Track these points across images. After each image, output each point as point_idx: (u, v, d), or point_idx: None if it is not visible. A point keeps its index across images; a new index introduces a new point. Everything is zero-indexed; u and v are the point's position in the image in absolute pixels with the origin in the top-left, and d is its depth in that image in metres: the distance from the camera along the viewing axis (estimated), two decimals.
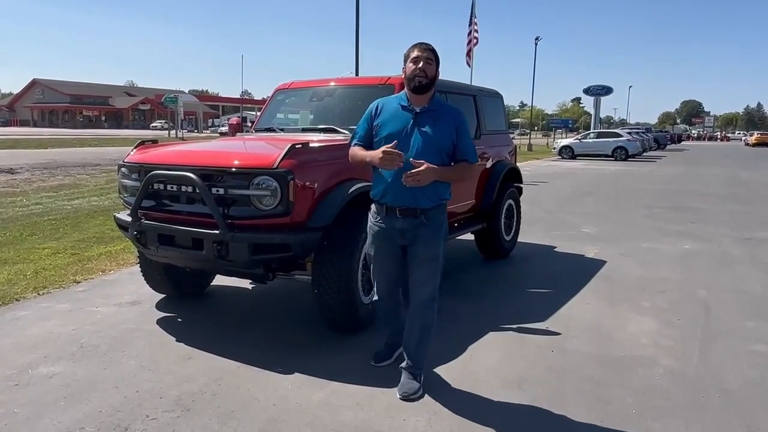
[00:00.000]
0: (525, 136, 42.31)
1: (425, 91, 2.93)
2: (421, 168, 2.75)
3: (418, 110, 2.95)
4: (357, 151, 3.05)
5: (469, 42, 20.92)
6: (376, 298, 3.31)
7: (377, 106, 3.06)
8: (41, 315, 4.23)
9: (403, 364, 3.16)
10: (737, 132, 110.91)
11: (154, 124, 64.01)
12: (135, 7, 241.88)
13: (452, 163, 3.00)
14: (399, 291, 3.27)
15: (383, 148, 2.78)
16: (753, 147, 48.76)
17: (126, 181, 4.07)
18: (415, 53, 2.93)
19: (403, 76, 2.98)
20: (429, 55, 2.92)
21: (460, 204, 5.47)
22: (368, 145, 3.04)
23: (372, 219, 3.10)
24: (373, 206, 3.10)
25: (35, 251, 6.05)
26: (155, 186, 3.74)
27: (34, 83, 75.04)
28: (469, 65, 20.39)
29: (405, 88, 3.01)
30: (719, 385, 3.22)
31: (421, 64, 2.89)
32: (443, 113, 2.98)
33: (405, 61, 2.98)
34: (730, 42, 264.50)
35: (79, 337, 3.82)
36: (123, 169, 4.10)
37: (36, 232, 7.03)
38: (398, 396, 3.02)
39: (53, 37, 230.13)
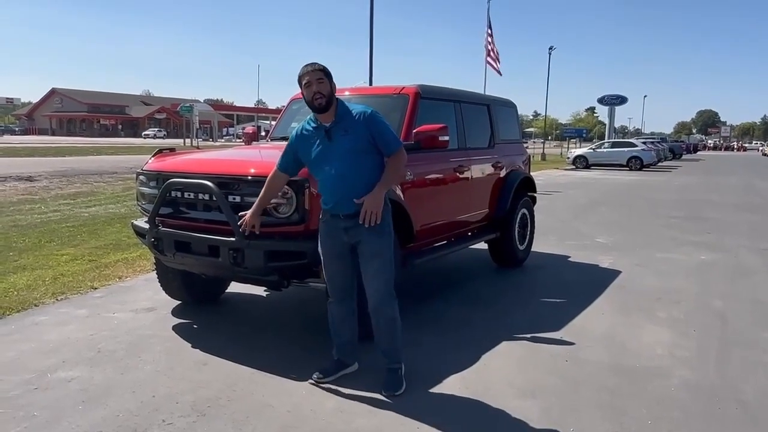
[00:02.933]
0: (539, 145, 42.18)
1: (328, 109, 3.05)
2: (368, 203, 2.96)
3: (327, 126, 3.07)
4: (266, 185, 3.30)
5: (489, 53, 21.64)
6: (330, 300, 3.34)
7: (296, 135, 3.22)
8: (59, 320, 4.30)
9: (383, 363, 3.28)
10: (754, 142, 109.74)
11: (146, 132, 63.36)
12: (152, 17, 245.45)
13: (384, 158, 3.12)
14: (351, 297, 3.31)
15: (249, 214, 3.30)
16: None
17: (144, 189, 4.13)
18: (305, 79, 3.04)
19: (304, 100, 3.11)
20: (318, 75, 3.03)
21: (473, 213, 5.48)
22: (289, 167, 3.25)
23: (320, 220, 3.23)
24: (321, 210, 3.23)
25: (54, 257, 6.14)
26: (173, 193, 3.80)
27: (53, 92, 76.25)
28: (498, 72, 21.53)
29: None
30: (735, 396, 3.19)
31: (314, 87, 3.01)
32: (350, 120, 3.07)
33: (300, 86, 3.09)
34: (746, 51, 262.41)
35: (96, 342, 3.88)
36: (141, 177, 4.17)
37: (54, 239, 7.14)
38: (383, 395, 3.11)
39: (72, 47, 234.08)
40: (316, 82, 3.01)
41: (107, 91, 79.98)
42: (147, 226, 3.92)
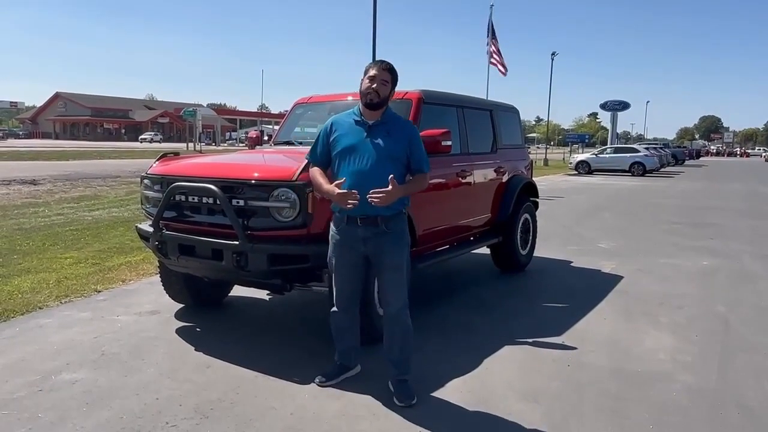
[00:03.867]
0: (542, 150, 42.20)
1: (377, 108, 3.06)
2: (387, 188, 2.87)
3: (370, 123, 3.08)
4: (316, 177, 3.15)
5: (492, 56, 21.78)
6: (333, 309, 3.30)
7: (331, 124, 3.18)
8: (63, 323, 4.31)
9: (393, 374, 3.23)
10: (757, 148, 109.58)
11: (143, 136, 62.61)
12: (156, 22, 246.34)
13: (407, 173, 3.12)
14: (357, 305, 3.29)
15: (339, 191, 2.91)
16: None
17: (148, 192, 4.16)
18: (372, 71, 3.05)
19: (360, 88, 3.09)
20: (385, 77, 3.05)
21: (476, 218, 5.49)
22: (326, 163, 3.18)
23: (333, 228, 3.17)
24: (334, 218, 3.17)
25: (57, 260, 6.16)
26: (177, 197, 3.82)
27: (57, 96, 76.60)
28: (503, 70, 21.78)
29: (360, 102, 3.12)
30: (738, 402, 3.19)
31: (375, 85, 3.02)
32: (395, 126, 3.10)
33: (364, 74, 3.09)
34: (750, 57, 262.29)
35: (100, 344, 3.89)
36: (146, 181, 4.19)
37: (58, 242, 7.16)
38: (398, 404, 3.07)
39: (76, 51, 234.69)
40: (380, 81, 3.03)
41: (111, 95, 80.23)
42: (151, 229, 3.94)
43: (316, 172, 3.17)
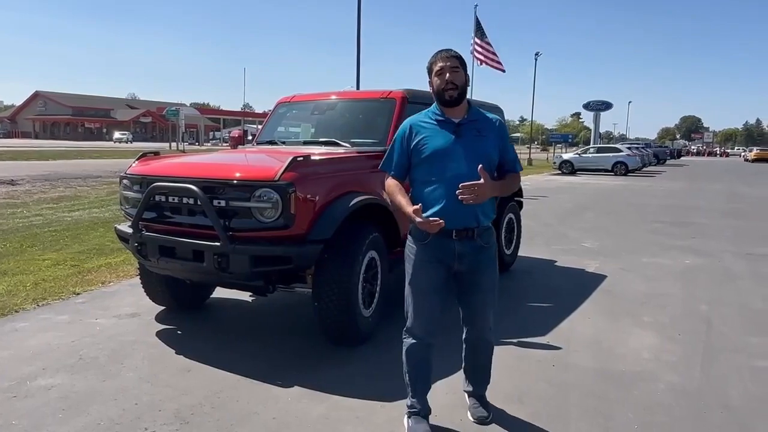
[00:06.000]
0: (525, 150, 42.45)
1: (459, 103, 2.67)
2: (480, 181, 2.49)
3: (457, 122, 2.68)
4: (394, 193, 2.74)
5: (481, 55, 21.76)
6: (408, 339, 2.82)
7: (409, 127, 2.74)
8: (40, 326, 4.22)
9: (468, 389, 3.05)
10: (737, 147, 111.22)
11: (117, 136, 60.58)
12: (138, 21, 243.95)
13: (497, 175, 2.75)
14: (436, 331, 2.82)
15: (419, 220, 2.54)
16: (753, 163, 48.89)
17: (128, 193, 4.08)
18: (438, 65, 2.66)
19: (431, 89, 2.73)
20: (454, 63, 2.65)
21: None
22: (405, 173, 2.78)
23: (414, 246, 2.74)
24: (414, 231, 2.74)
25: (35, 262, 6.04)
26: (157, 198, 3.75)
27: (36, 95, 75.48)
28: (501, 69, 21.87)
29: (435, 102, 2.75)
30: (721, 401, 3.20)
31: (447, 75, 2.62)
32: (486, 124, 2.72)
33: (429, 74, 2.72)
34: (729, 58, 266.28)
35: (78, 348, 3.81)
36: (125, 181, 4.11)
37: (36, 244, 7.03)
38: (472, 419, 2.92)
39: (56, 50, 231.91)
40: (450, 70, 2.62)
41: (92, 94, 79.23)
42: (130, 230, 3.86)
43: (395, 188, 2.74)
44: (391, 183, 2.78)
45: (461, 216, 2.60)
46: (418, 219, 2.54)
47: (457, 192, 2.49)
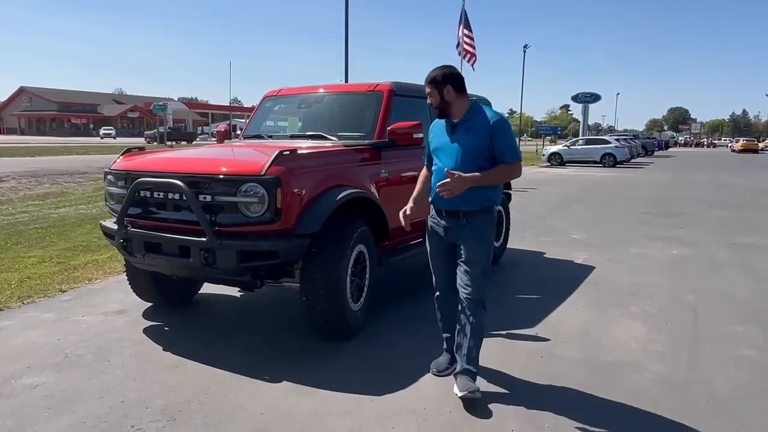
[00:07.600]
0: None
1: (445, 115, 3.16)
2: (452, 178, 2.94)
3: (454, 122, 3.14)
4: (416, 185, 3.43)
5: (466, 55, 21.54)
6: (437, 293, 3.43)
7: (431, 127, 3.34)
8: (25, 325, 4.17)
9: (458, 368, 3.13)
10: (723, 138, 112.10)
11: (105, 132, 59.74)
12: (124, 15, 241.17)
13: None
14: (455, 291, 3.20)
15: (401, 213, 3.31)
16: (739, 153, 49.38)
17: (112, 189, 4.03)
18: (426, 90, 3.17)
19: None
20: (428, 89, 3.15)
21: None
22: (431, 163, 3.29)
23: (428, 220, 3.34)
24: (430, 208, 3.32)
25: (20, 260, 5.97)
26: (142, 193, 3.71)
27: (21, 91, 74.54)
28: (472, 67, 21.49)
29: None
30: (708, 390, 3.22)
31: (429, 100, 3.19)
32: (476, 122, 3.08)
33: None
34: (716, 50, 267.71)
35: (63, 347, 3.77)
36: (109, 177, 4.06)
37: (21, 241, 6.95)
38: (458, 395, 3.00)
39: (41, 45, 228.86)
40: (428, 95, 3.16)
41: (78, 89, 78.43)
42: (116, 226, 3.82)
43: (419, 178, 3.44)
44: (421, 173, 3.45)
45: (446, 201, 3.09)
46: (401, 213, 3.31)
47: (437, 190, 3.03)
